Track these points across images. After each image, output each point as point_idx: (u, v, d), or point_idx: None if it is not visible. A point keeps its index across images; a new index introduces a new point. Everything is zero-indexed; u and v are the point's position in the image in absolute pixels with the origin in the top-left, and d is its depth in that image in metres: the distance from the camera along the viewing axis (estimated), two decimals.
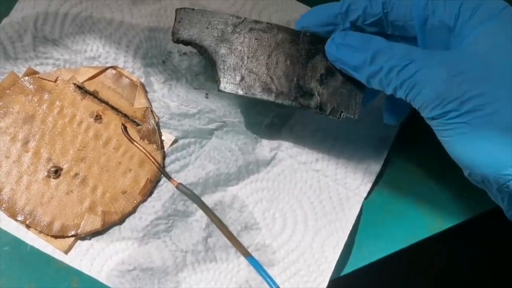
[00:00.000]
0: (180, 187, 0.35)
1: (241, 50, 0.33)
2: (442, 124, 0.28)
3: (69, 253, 0.34)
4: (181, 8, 0.33)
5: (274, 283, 0.34)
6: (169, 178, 0.35)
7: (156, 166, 0.36)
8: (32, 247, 0.34)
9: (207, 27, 0.33)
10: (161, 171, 0.36)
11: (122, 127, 0.36)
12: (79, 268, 0.34)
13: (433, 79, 0.27)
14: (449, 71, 0.27)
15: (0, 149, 0.35)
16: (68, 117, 0.36)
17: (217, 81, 0.33)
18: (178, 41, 0.33)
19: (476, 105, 0.26)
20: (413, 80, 0.28)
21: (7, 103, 0.36)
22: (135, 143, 0.36)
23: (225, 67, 0.33)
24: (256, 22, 0.33)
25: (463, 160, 0.28)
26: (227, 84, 0.32)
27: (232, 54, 0.33)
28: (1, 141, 0.35)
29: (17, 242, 0.34)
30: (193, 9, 0.33)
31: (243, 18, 0.33)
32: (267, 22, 0.33)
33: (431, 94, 0.27)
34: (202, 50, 0.34)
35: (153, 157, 0.36)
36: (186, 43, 0.33)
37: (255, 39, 0.33)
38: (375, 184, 0.38)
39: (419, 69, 0.28)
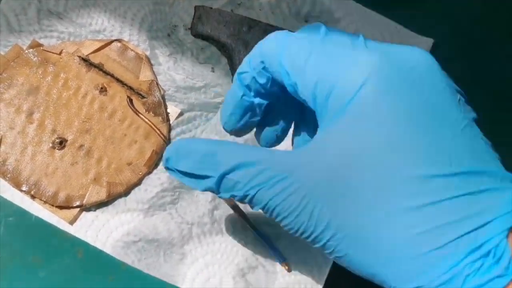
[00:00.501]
0: None
1: None
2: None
3: (74, 224, 0.34)
4: (199, 6, 0.37)
5: (281, 256, 0.34)
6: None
7: (161, 138, 0.35)
8: (37, 218, 0.33)
9: (224, 25, 0.37)
10: (167, 143, 0.36)
11: (128, 100, 0.36)
12: (84, 239, 0.33)
13: (281, 209, 0.24)
14: (293, 191, 0.23)
15: (5, 120, 0.35)
16: (73, 89, 0.36)
17: (232, 75, 0.36)
18: (196, 35, 0.38)
19: (328, 247, 0.23)
20: (270, 207, 0.24)
21: (12, 75, 0.35)
22: (140, 115, 0.36)
23: (240, 62, 0.33)
24: (271, 25, 0.37)
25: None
26: None
27: (247, 51, 0.33)
28: (5, 112, 0.35)
29: (22, 213, 0.33)
30: (211, 8, 0.37)
31: (258, 21, 0.37)
32: (280, 27, 0.36)
33: (288, 227, 0.24)
34: (219, 45, 0.38)
35: (158, 129, 0.35)
36: (204, 37, 0.38)
37: None
38: None
39: (275, 195, 0.23)
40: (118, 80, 0.37)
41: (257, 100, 0.28)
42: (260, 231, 0.35)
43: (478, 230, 0.21)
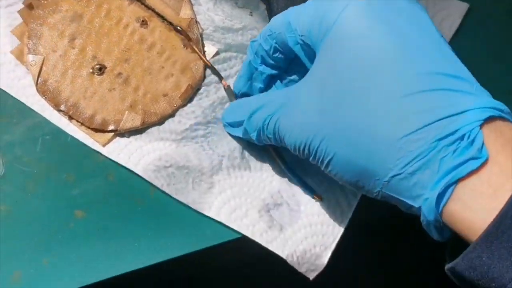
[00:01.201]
0: (228, 89, 0.36)
1: None
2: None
3: (107, 148, 0.35)
4: None
5: (312, 189, 0.35)
6: (220, 77, 0.36)
7: (206, 62, 0.37)
8: (72, 139, 0.34)
9: None
10: (212, 69, 0.37)
11: (174, 27, 0.37)
12: (116, 160, 0.34)
13: (284, 128, 0.29)
14: (292, 115, 0.29)
15: (48, 43, 0.36)
16: (114, 19, 0.37)
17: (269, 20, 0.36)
18: None
19: (320, 154, 0.27)
20: (270, 131, 0.30)
21: (56, 1, 0.37)
22: (192, 44, 0.37)
23: (279, 8, 0.36)
24: None
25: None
26: None
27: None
28: (49, 36, 0.36)
29: (59, 132, 0.34)
30: None
31: None
32: None
33: (289, 141, 0.29)
34: None
35: (203, 56, 0.36)
36: None
37: None
38: None
39: (278, 118, 0.29)
40: (158, 15, 0.38)
41: (261, 68, 0.33)
42: (292, 168, 0.35)
43: (453, 117, 0.23)
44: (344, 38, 0.26)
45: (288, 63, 0.33)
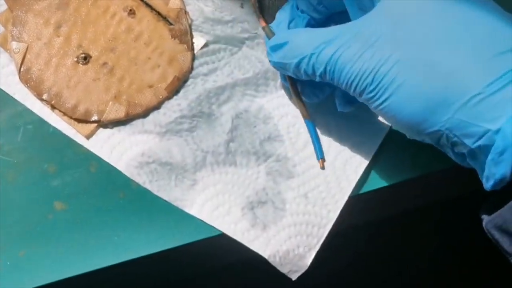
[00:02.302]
0: (266, 28, 0.35)
1: None
2: (366, 100, 0.28)
3: (90, 139, 0.34)
4: None
5: (322, 152, 0.35)
6: (258, 15, 0.36)
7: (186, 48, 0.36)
8: (54, 129, 0.34)
9: None
10: (190, 72, 0.36)
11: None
12: (98, 154, 0.34)
13: (349, 58, 0.28)
14: (362, 45, 0.27)
15: (32, 31, 0.35)
16: (102, 8, 0.37)
17: (259, 14, 0.36)
18: None
19: (387, 80, 0.26)
20: (332, 63, 0.28)
21: None
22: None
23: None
24: None
25: (396, 125, 0.28)
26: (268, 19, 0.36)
27: None
28: (34, 23, 0.35)
29: (41, 122, 0.34)
30: None
31: None
32: None
33: (349, 75, 0.28)
34: None
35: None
36: None
37: None
38: None
39: (334, 51, 0.28)
40: (147, 4, 0.37)
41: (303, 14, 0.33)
42: (311, 122, 0.35)
43: None
44: None
45: (328, 16, 0.33)
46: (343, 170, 0.36)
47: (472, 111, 0.24)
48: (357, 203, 0.35)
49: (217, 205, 0.35)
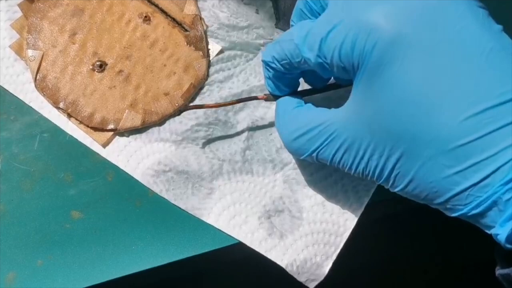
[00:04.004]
0: (269, 98, 0.35)
1: None
2: None
3: (106, 147, 0.35)
4: None
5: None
6: (254, 97, 0.36)
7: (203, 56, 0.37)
8: (71, 137, 0.35)
9: None
10: (205, 79, 0.37)
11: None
12: (115, 163, 0.35)
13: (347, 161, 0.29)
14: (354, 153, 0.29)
15: (48, 38, 0.36)
16: (116, 15, 0.37)
17: (276, 19, 0.38)
18: None
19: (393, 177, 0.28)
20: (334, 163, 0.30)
21: None
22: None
23: (286, 6, 0.37)
24: None
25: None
26: (284, 25, 0.38)
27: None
28: (49, 31, 0.36)
29: (57, 131, 0.35)
30: None
31: None
32: None
33: (355, 173, 0.30)
34: None
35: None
36: None
37: None
38: None
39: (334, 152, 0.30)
40: (162, 10, 0.38)
41: (289, 76, 0.33)
42: None
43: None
44: (378, 82, 0.26)
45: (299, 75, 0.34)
46: (360, 179, 0.37)
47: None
48: (376, 206, 0.36)
49: (234, 214, 0.35)
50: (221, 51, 0.38)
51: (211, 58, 0.38)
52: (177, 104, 0.36)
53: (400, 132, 0.26)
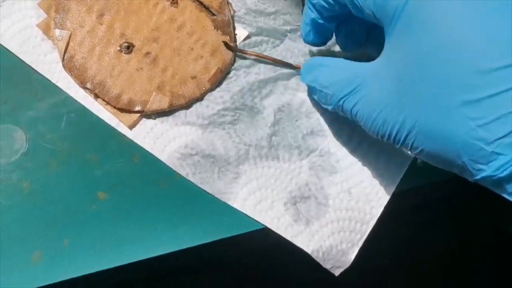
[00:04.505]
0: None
1: None
2: None
3: (133, 129, 0.35)
4: None
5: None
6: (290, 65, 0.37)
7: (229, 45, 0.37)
8: (97, 118, 0.35)
9: None
10: (232, 64, 0.37)
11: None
12: (141, 145, 0.35)
13: (368, 114, 0.29)
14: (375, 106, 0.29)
15: (75, 18, 0.36)
16: None
17: (303, 5, 0.38)
18: None
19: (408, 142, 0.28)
20: (353, 115, 0.31)
21: None
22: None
23: None
24: None
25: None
26: None
27: None
28: (76, 11, 0.36)
29: (83, 111, 0.35)
30: None
31: None
32: None
33: (372, 133, 0.30)
34: None
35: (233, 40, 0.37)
36: None
37: None
38: None
39: (354, 104, 0.30)
40: None
41: (326, 24, 0.34)
42: None
43: None
44: (413, 33, 0.26)
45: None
46: (387, 166, 0.37)
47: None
48: (402, 193, 0.36)
49: (260, 199, 0.35)
50: (248, 37, 0.38)
51: (238, 43, 0.38)
52: (203, 88, 0.37)
53: (430, 78, 0.25)
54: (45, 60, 0.36)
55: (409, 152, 0.28)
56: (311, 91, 0.36)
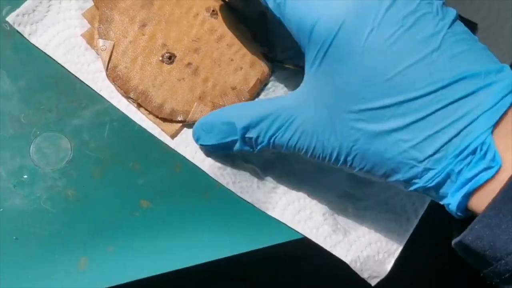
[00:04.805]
0: None
1: None
2: None
3: (174, 139, 0.36)
4: None
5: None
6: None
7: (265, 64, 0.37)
8: (140, 127, 0.36)
9: None
10: (270, 75, 0.38)
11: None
12: (183, 154, 0.36)
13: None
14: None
15: (118, 28, 0.37)
16: (184, 8, 0.38)
17: None
18: None
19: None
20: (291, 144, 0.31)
21: None
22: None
23: None
24: None
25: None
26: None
27: None
28: (119, 21, 0.37)
29: (126, 120, 0.36)
30: None
31: None
32: None
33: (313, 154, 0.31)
34: None
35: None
36: None
37: None
38: None
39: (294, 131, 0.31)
40: (228, 5, 0.39)
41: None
42: None
43: (463, 131, 0.26)
44: (336, 66, 0.28)
45: None
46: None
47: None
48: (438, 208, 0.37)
49: (299, 209, 0.36)
50: (285, 48, 0.39)
51: (276, 54, 0.39)
52: (243, 99, 0.37)
53: (361, 107, 0.27)
54: (89, 70, 0.36)
55: (346, 169, 0.30)
56: (211, 149, 0.35)
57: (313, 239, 0.35)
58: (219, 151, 0.35)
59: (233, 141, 0.32)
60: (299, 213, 0.36)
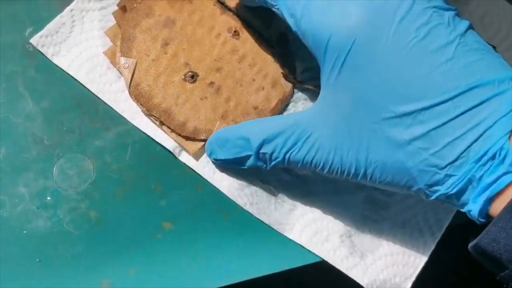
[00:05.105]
0: None
1: None
2: None
3: (194, 158, 0.36)
4: None
5: None
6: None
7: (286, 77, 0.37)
8: (161, 148, 0.36)
9: None
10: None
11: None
12: (201, 174, 0.36)
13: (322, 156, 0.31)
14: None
15: (141, 47, 0.37)
16: (206, 27, 0.38)
17: None
18: None
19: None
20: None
21: (150, 5, 0.38)
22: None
23: None
24: None
25: None
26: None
27: None
28: (141, 39, 0.37)
29: (148, 141, 0.36)
30: None
31: None
32: None
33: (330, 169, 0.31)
34: None
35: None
36: None
37: None
38: None
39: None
40: (250, 26, 0.39)
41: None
42: None
43: (481, 137, 0.26)
44: (354, 78, 0.28)
45: None
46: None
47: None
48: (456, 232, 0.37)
49: (316, 231, 0.37)
50: (306, 69, 0.39)
51: (297, 75, 0.39)
52: None
53: (380, 118, 0.28)
54: (111, 90, 0.36)
55: (365, 183, 0.30)
56: (224, 164, 0.35)
57: (330, 262, 0.36)
58: (232, 166, 0.35)
59: (247, 156, 0.33)
60: (316, 235, 0.37)
